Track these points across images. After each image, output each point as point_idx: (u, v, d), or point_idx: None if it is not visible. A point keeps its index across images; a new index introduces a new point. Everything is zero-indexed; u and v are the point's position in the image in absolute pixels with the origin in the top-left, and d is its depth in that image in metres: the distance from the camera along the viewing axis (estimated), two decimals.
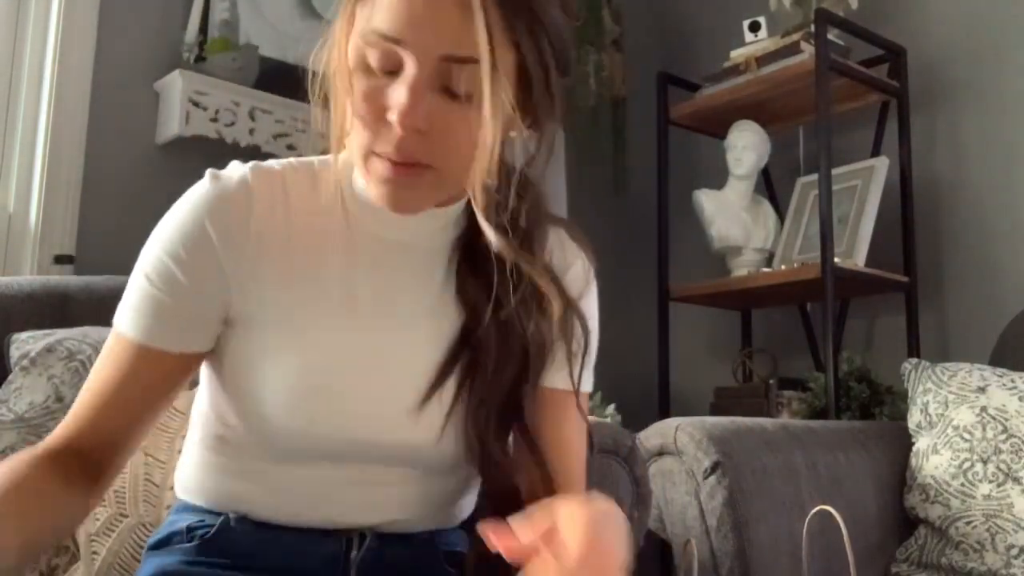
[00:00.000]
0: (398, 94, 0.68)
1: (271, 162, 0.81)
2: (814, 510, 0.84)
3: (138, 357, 0.76)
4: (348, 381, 0.77)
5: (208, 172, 0.78)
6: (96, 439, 0.76)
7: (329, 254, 0.79)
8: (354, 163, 0.75)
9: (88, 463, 0.76)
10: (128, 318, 0.77)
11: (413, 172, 0.71)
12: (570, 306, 0.79)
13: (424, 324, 0.80)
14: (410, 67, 0.68)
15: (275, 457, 0.78)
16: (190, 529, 0.81)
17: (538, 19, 0.69)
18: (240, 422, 0.79)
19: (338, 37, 0.73)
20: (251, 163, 0.79)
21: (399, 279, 0.80)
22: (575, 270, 0.84)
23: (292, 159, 0.82)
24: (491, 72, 0.67)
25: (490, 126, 0.68)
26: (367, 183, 0.74)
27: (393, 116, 0.68)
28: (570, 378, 0.80)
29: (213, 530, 0.79)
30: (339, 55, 0.73)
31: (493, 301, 0.77)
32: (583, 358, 0.81)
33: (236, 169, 0.79)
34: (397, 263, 0.80)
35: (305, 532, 0.80)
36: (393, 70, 0.69)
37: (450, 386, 0.78)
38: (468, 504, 0.89)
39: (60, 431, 0.77)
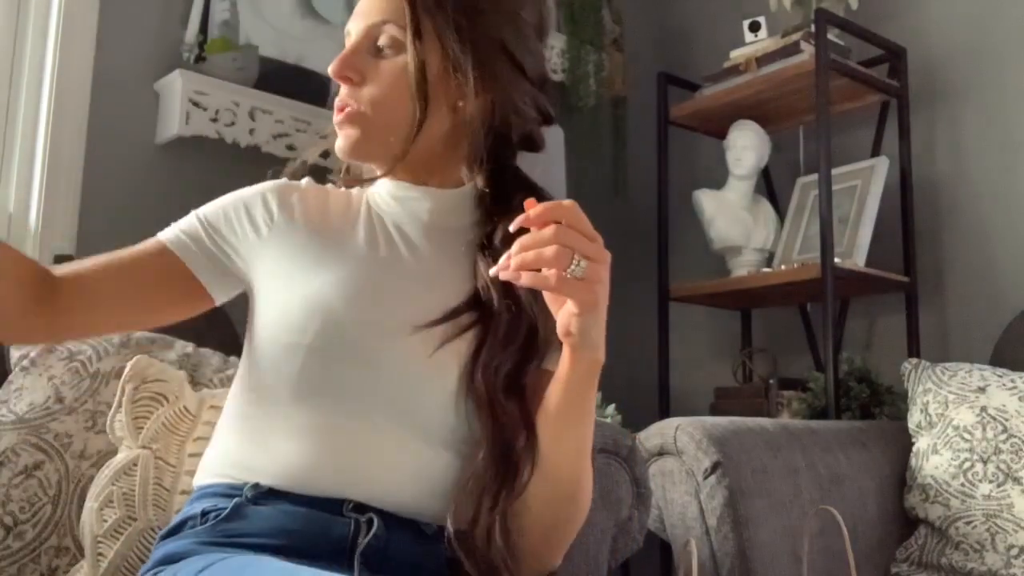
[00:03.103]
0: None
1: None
2: (814, 510, 0.84)
3: (156, 252, 0.90)
4: (358, 302, 0.87)
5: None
6: (73, 280, 0.86)
7: (356, 229, 0.93)
8: None
9: (51, 286, 0.85)
10: (169, 230, 0.92)
11: (348, 116, 0.89)
12: None
13: (438, 279, 0.90)
14: (349, 40, 0.90)
15: (292, 393, 0.84)
16: (204, 513, 0.83)
17: None
18: (266, 365, 0.87)
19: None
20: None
21: (418, 249, 0.92)
22: None
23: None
24: (407, 30, 0.87)
25: (410, 69, 0.86)
26: None
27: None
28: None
29: (226, 511, 0.81)
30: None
31: (502, 285, 0.84)
32: None
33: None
34: (417, 238, 0.93)
35: (315, 507, 0.81)
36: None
37: (458, 326, 0.86)
38: None
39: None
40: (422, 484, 0.85)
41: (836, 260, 1.96)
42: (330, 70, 0.88)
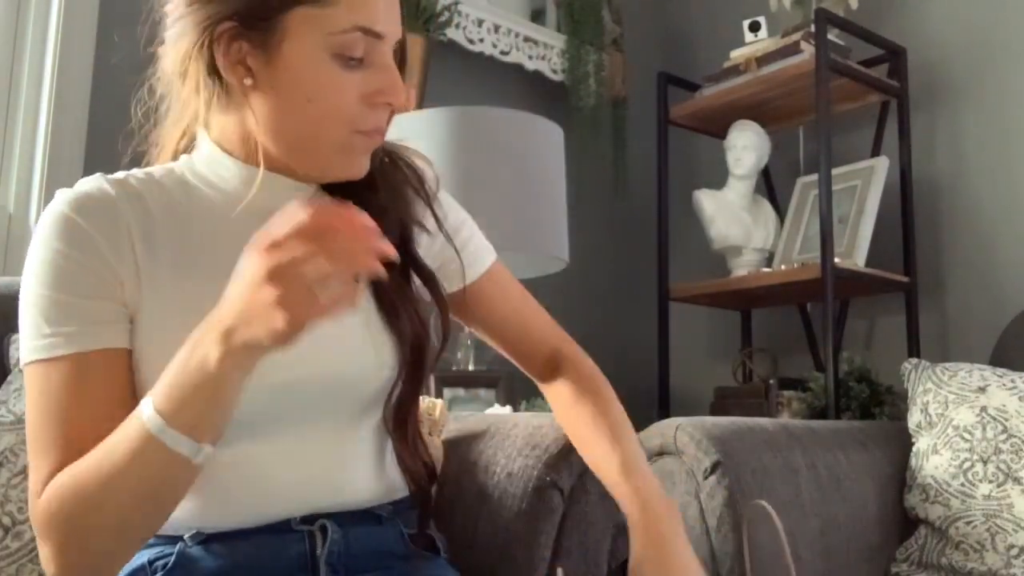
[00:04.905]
0: (392, 80, 0.78)
1: (117, 174, 0.85)
2: (751, 503, 0.84)
3: (120, 364, 0.75)
4: None
5: (59, 191, 0.81)
6: None
7: (217, 239, 0.81)
8: (306, 149, 0.80)
9: None
10: (53, 339, 0.75)
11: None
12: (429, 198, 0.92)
13: None
14: (389, 56, 0.79)
15: None
16: (151, 562, 0.78)
17: None
18: None
19: (291, 43, 0.77)
20: (98, 174, 0.83)
21: None
22: (429, 172, 0.94)
23: (132, 171, 0.88)
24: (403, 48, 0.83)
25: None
26: (335, 163, 0.81)
27: (391, 99, 0.79)
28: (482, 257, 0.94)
29: (172, 559, 0.77)
30: (302, 57, 0.77)
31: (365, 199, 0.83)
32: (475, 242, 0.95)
33: (88, 180, 0.83)
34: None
35: (261, 534, 0.78)
36: (362, 59, 0.77)
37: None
38: (394, 470, 0.88)
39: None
40: (347, 470, 0.83)
41: (836, 260, 1.96)
42: (398, 101, 0.79)
